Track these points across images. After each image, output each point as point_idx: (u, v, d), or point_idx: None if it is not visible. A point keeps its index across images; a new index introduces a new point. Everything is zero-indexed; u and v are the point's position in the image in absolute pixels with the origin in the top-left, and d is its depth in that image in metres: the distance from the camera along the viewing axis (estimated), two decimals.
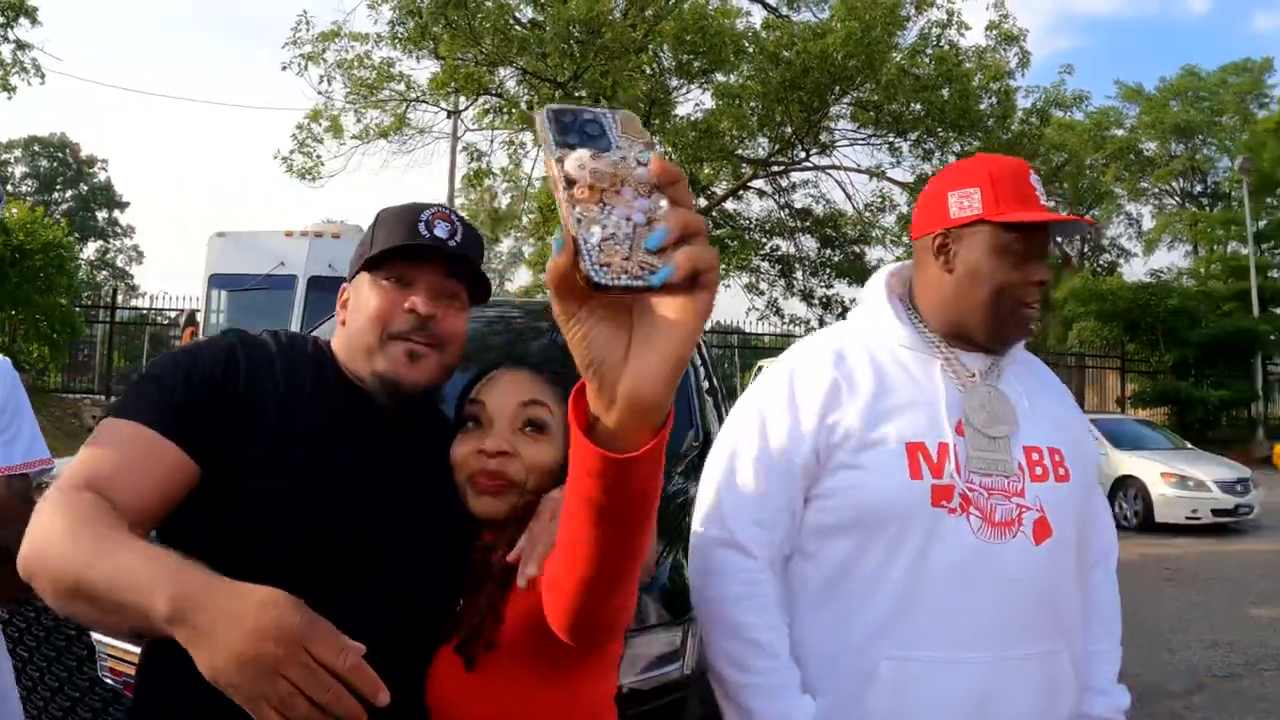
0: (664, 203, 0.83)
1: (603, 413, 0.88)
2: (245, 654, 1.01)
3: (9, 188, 41.24)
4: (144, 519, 1.33)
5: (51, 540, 1.21)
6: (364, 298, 1.60)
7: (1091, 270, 34.59)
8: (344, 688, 1.02)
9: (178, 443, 1.39)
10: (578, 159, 0.84)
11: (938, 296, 1.85)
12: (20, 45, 18.83)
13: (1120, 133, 39.12)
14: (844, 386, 1.76)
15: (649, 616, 2.47)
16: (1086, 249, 39.68)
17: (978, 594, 1.67)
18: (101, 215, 50.46)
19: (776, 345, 21.13)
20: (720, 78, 17.96)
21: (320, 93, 18.18)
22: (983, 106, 18.39)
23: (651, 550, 1.29)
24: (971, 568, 1.67)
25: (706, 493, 1.81)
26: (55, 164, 47.63)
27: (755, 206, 22.46)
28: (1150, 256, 47.92)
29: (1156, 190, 40.95)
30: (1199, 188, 40.51)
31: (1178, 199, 41.20)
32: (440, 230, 1.59)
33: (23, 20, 18.50)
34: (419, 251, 1.58)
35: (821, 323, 20.95)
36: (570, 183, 0.83)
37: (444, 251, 1.59)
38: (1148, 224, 41.36)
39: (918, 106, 17.31)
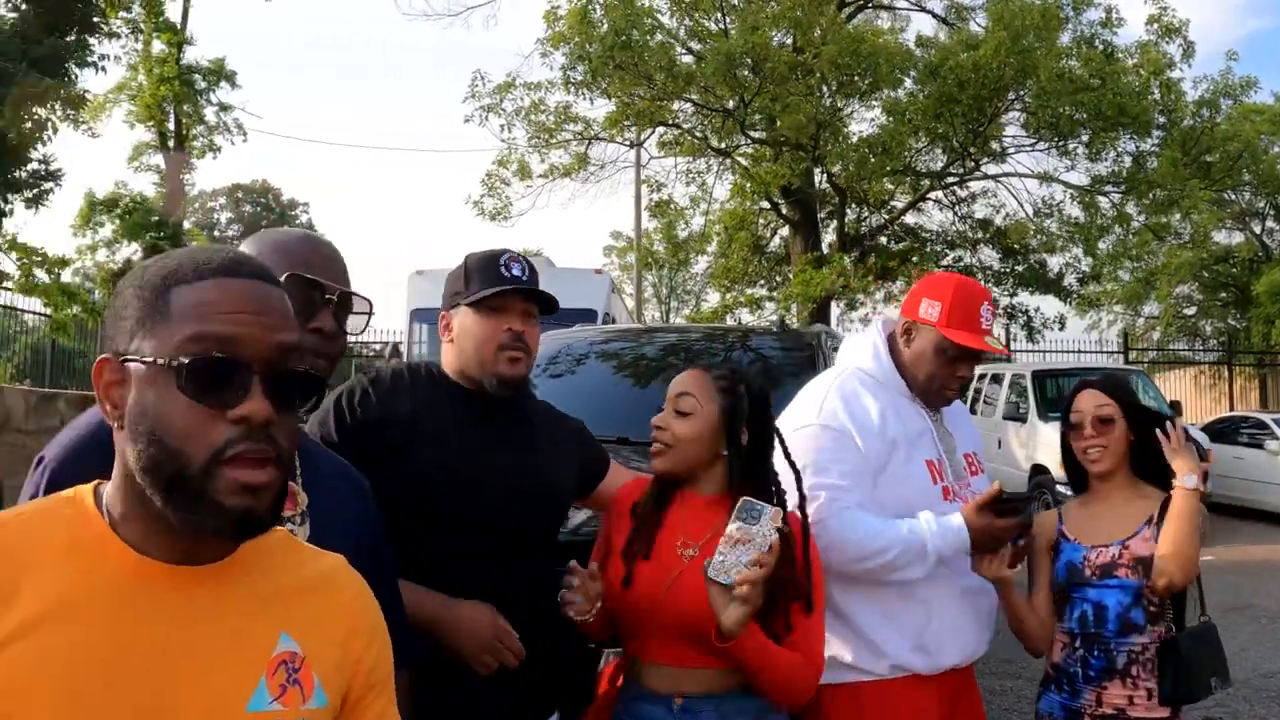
0: (745, 557, 1.93)
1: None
2: None
3: (215, 232, 43.48)
4: None
5: None
6: (470, 326, 2.22)
7: None
8: None
9: None
10: (735, 526, 1.95)
11: (901, 359, 2.58)
12: (223, 107, 19.68)
13: None
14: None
15: None
16: None
17: None
18: None
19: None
20: (888, 94, 18.17)
21: (502, 140, 18.98)
22: (1151, 101, 17.90)
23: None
24: None
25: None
26: (258, 209, 49.02)
27: (936, 219, 22.45)
28: None
29: None
30: None
31: None
32: (516, 270, 2.23)
33: (224, 84, 19.16)
34: (507, 291, 2.21)
35: (1007, 332, 20.95)
36: (728, 536, 1.95)
37: (523, 289, 2.23)
38: None
39: (1071, 109, 17.13)
